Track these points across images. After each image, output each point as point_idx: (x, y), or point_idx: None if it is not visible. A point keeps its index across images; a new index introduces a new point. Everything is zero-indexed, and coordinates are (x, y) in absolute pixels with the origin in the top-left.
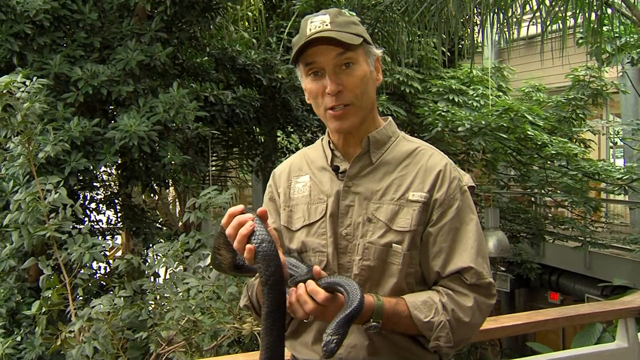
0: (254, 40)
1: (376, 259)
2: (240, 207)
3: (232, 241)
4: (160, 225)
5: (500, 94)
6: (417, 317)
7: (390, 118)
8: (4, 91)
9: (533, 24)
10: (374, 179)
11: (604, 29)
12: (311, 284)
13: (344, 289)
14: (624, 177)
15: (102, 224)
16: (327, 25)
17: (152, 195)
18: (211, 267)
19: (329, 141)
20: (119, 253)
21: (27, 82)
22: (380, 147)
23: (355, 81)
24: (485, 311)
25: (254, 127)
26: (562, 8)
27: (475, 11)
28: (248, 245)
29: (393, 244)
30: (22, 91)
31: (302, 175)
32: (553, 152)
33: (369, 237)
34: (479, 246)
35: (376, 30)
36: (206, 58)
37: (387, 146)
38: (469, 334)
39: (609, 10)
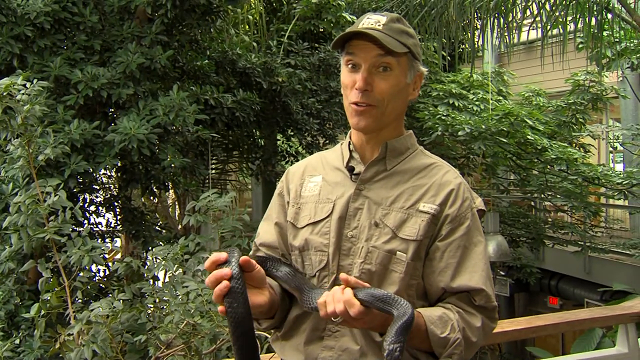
0: (255, 44)
1: (378, 264)
2: (223, 255)
3: (211, 289)
4: (159, 228)
5: (501, 98)
6: (433, 332)
7: (411, 131)
8: (4, 93)
9: (533, 29)
10: (386, 186)
11: (604, 33)
12: (348, 293)
13: (387, 301)
14: (624, 182)
15: (102, 226)
16: (379, 25)
17: (151, 198)
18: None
19: (349, 142)
20: (118, 256)
21: (28, 85)
22: (397, 155)
23: (385, 87)
24: (488, 334)
25: (254, 131)
26: (562, 13)
27: (476, 15)
28: (220, 307)
29: (397, 252)
30: (23, 93)
31: (316, 176)
32: (553, 156)
33: (373, 241)
34: (488, 270)
35: None
36: (206, 61)
37: (404, 156)
38: (471, 353)
39: (609, 15)
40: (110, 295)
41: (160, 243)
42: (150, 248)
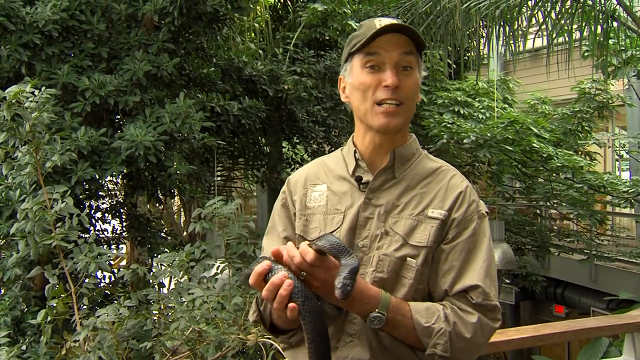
0: (261, 51)
1: (390, 272)
2: (266, 263)
3: (269, 302)
4: (165, 235)
5: (506, 106)
6: (417, 321)
7: (413, 135)
8: (13, 101)
9: (539, 37)
10: (395, 193)
11: (610, 42)
12: (303, 244)
13: (339, 250)
14: (630, 190)
15: (108, 233)
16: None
17: (157, 204)
18: (217, 278)
19: (354, 150)
20: (124, 262)
21: (36, 92)
22: (404, 162)
23: (410, 84)
24: (488, 333)
25: (259, 138)
26: (568, 21)
27: (481, 24)
28: (291, 305)
29: (408, 258)
30: (31, 101)
31: (319, 184)
32: (559, 164)
33: (384, 250)
34: (488, 268)
35: None
36: (213, 69)
37: (410, 162)
38: (468, 351)
39: (615, 24)
40: (116, 301)
41: (166, 250)
42: (155, 255)
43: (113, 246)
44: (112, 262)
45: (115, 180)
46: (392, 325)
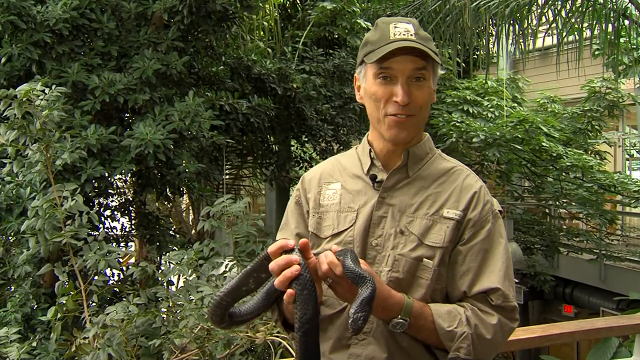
0: (269, 50)
1: (405, 272)
2: (291, 242)
3: (274, 275)
4: (174, 233)
5: (515, 105)
6: (440, 325)
7: (428, 134)
8: (24, 99)
9: (549, 35)
10: (409, 193)
11: (621, 40)
12: (329, 255)
13: (357, 279)
14: None
15: (117, 231)
16: (411, 35)
17: (166, 203)
18: (225, 276)
19: (369, 149)
20: (132, 260)
21: (46, 90)
22: (417, 161)
23: (422, 96)
24: (507, 334)
25: (268, 136)
26: (578, 19)
27: (491, 22)
28: (289, 290)
29: (424, 259)
30: (41, 99)
31: (333, 183)
32: (568, 163)
33: (399, 250)
34: (507, 269)
35: None
36: (222, 67)
37: (424, 162)
38: (489, 352)
39: (626, 22)
40: (125, 299)
41: (175, 248)
42: (164, 253)
43: (122, 244)
44: (121, 260)
45: (124, 178)
46: (414, 329)
